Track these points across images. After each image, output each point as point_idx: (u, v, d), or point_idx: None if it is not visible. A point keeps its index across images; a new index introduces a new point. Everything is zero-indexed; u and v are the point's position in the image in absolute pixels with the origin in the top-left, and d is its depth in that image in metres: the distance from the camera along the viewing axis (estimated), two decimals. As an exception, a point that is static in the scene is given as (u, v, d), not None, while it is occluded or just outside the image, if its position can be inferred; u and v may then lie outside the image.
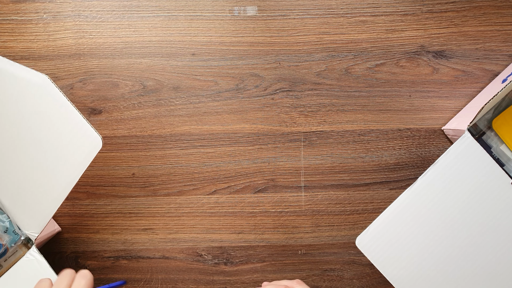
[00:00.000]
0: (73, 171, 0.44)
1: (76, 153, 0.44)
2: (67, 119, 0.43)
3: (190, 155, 0.54)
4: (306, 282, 0.54)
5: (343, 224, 0.54)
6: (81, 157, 0.44)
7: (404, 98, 0.54)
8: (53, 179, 0.45)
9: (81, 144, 0.43)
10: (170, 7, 0.54)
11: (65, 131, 0.44)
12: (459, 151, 0.43)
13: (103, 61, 0.54)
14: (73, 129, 0.43)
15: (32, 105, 0.44)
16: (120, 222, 0.54)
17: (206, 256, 0.54)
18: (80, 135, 0.43)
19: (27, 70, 0.44)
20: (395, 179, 0.54)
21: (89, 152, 0.43)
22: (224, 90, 0.54)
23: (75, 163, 0.44)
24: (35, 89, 0.43)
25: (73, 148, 0.44)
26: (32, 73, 0.43)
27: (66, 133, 0.44)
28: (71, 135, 0.44)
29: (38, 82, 0.43)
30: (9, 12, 0.54)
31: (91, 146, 0.43)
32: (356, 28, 0.54)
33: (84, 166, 0.43)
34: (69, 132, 0.43)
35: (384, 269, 0.44)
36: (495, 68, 0.53)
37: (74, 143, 0.44)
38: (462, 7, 0.53)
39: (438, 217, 0.43)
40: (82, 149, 0.43)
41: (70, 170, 0.44)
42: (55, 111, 0.43)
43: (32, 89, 0.43)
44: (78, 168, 0.44)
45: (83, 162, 0.44)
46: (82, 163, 0.44)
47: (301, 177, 0.54)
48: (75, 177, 0.44)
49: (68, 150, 0.44)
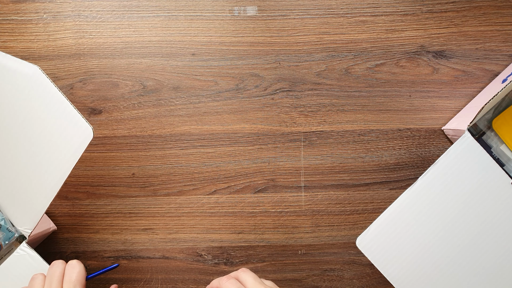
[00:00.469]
0: (64, 163, 0.43)
1: (68, 145, 0.43)
2: (58, 110, 0.43)
3: (190, 155, 0.54)
4: (306, 282, 0.54)
5: (343, 224, 0.54)
6: (73, 149, 0.43)
7: (404, 98, 0.54)
8: (45, 173, 0.44)
9: (72, 135, 0.43)
10: (170, 7, 0.54)
11: (56, 123, 0.43)
12: (459, 151, 0.43)
13: (103, 61, 0.54)
14: (64, 121, 0.43)
15: (22, 97, 0.43)
16: (120, 222, 0.54)
17: (206, 256, 0.54)
18: (71, 127, 0.43)
19: (19, 62, 0.43)
20: (395, 179, 0.54)
21: (81, 143, 0.42)
22: (224, 90, 0.54)
23: (67, 155, 0.43)
24: (26, 80, 0.43)
25: (64, 140, 0.43)
26: (23, 64, 0.43)
27: (57, 125, 0.43)
28: (62, 127, 0.43)
29: (29, 73, 0.43)
30: (9, 12, 0.54)
31: (82, 137, 0.42)
32: (356, 28, 0.54)
33: (75, 158, 0.43)
34: (60, 124, 0.43)
35: (384, 269, 0.44)
36: (495, 68, 0.53)
37: (65, 135, 0.43)
38: (462, 7, 0.53)
39: (438, 217, 0.43)
40: (74, 140, 0.43)
41: (62, 162, 0.43)
42: (46, 103, 0.43)
43: (23, 80, 0.43)
44: (70, 160, 0.43)
45: (74, 154, 0.43)
46: (73, 155, 0.43)
47: (301, 177, 0.54)
48: (67, 169, 0.43)
49: (59, 142, 0.43)
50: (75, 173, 0.54)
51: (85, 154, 0.54)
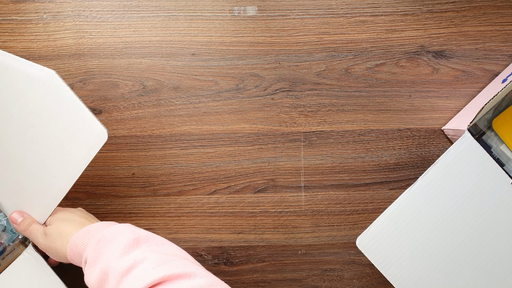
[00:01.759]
0: (75, 165, 0.43)
1: (80, 147, 0.43)
2: (72, 113, 0.43)
3: (190, 155, 0.54)
4: (306, 282, 0.54)
5: (343, 224, 0.54)
6: (85, 151, 0.43)
7: (404, 98, 0.54)
8: (55, 175, 0.44)
9: (86, 137, 0.43)
10: (170, 7, 0.54)
11: (70, 125, 0.43)
12: (459, 151, 0.43)
13: (103, 61, 0.54)
14: (78, 123, 0.43)
15: (37, 100, 0.43)
16: (120, 222, 0.54)
17: (206, 256, 0.54)
18: (85, 129, 0.42)
19: (33, 66, 0.43)
20: (395, 179, 0.54)
21: (93, 146, 0.42)
22: (224, 90, 0.54)
23: (78, 157, 0.43)
24: (41, 84, 0.43)
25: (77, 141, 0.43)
26: (38, 68, 0.43)
27: (71, 127, 0.43)
28: (75, 129, 0.43)
29: (44, 77, 0.43)
30: (9, 12, 0.54)
31: (96, 139, 0.42)
32: (356, 28, 0.54)
33: (87, 160, 0.43)
34: (74, 126, 0.43)
35: (384, 269, 0.44)
36: (495, 68, 0.53)
37: (78, 137, 0.43)
38: (462, 7, 0.53)
39: (438, 217, 0.43)
40: (86, 143, 0.43)
41: (72, 164, 0.43)
42: (61, 106, 0.43)
43: (38, 84, 0.43)
44: (81, 162, 0.43)
45: (86, 156, 0.43)
46: (85, 157, 0.43)
47: (301, 177, 0.54)
48: (78, 171, 0.43)
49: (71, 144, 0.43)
50: (75, 173, 0.54)
51: (85, 154, 0.54)
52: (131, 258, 0.37)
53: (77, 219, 0.45)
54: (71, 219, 0.45)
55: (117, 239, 0.40)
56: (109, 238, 0.40)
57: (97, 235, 0.41)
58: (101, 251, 0.39)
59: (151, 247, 0.40)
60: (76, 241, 0.41)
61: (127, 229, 0.41)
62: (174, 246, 0.41)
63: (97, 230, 0.42)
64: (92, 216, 0.48)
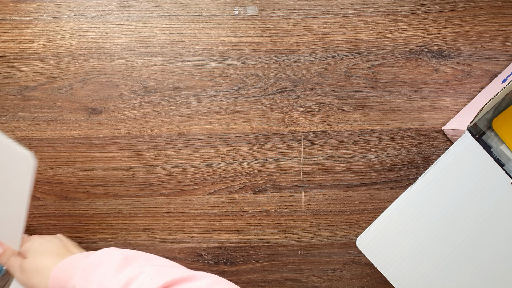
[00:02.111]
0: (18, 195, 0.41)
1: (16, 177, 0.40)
2: None
3: (190, 155, 0.54)
4: (306, 282, 0.54)
5: (343, 224, 0.54)
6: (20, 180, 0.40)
7: (404, 98, 0.54)
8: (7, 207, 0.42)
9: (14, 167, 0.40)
10: (170, 7, 0.54)
11: None
12: (459, 151, 0.43)
13: (103, 61, 0.54)
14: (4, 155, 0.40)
15: None
16: (120, 222, 0.54)
17: (206, 256, 0.54)
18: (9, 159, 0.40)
19: None
20: (395, 179, 0.54)
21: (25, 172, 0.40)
22: (224, 90, 0.54)
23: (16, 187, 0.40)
24: None
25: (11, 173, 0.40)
26: None
27: None
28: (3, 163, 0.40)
29: None
30: (9, 12, 0.54)
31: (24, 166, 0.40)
32: (356, 28, 0.54)
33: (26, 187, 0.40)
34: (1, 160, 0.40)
35: (384, 269, 0.44)
36: (495, 68, 0.53)
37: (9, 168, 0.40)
38: (462, 7, 0.53)
39: (438, 217, 0.43)
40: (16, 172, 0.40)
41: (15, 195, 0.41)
42: None
43: None
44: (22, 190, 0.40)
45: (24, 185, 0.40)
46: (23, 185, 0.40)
47: (301, 177, 0.54)
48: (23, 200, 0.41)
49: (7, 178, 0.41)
50: (75, 173, 0.54)
51: (85, 154, 0.54)
52: (126, 275, 0.36)
53: (55, 249, 0.43)
54: (49, 250, 0.43)
55: (106, 262, 0.39)
56: (96, 263, 0.39)
57: (82, 264, 0.39)
58: (89, 277, 0.38)
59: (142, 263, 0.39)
60: (58, 275, 0.40)
61: (114, 250, 0.40)
62: (165, 259, 0.41)
63: (80, 259, 0.41)
64: (72, 244, 0.46)
